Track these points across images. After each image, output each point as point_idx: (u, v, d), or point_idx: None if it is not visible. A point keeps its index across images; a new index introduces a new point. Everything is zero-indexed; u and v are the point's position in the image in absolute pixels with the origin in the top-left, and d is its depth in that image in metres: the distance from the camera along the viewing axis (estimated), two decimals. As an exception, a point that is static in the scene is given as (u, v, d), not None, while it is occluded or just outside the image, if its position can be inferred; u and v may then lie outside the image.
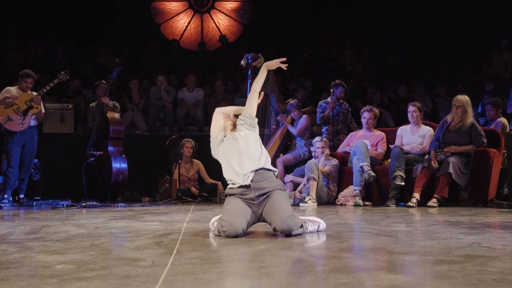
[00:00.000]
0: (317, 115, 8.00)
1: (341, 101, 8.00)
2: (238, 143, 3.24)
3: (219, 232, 3.03)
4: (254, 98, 3.40)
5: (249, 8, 13.43)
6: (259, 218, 3.16)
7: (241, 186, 3.16)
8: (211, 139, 3.38)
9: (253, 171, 3.15)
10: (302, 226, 3.12)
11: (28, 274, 1.96)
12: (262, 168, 3.17)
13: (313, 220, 3.34)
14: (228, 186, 3.26)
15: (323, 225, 3.34)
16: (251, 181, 3.13)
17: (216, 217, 3.37)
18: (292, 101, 7.62)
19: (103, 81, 8.05)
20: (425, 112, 7.62)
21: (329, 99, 7.83)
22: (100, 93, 7.96)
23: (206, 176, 7.81)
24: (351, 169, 6.56)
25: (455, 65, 11.50)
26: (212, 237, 3.05)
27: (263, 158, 3.22)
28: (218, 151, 3.33)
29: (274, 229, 3.05)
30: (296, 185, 6.89)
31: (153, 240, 2.88)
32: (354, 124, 7.96)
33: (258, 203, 3.12)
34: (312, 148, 7.05)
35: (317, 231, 3.28)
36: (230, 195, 3.21)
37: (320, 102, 8.05)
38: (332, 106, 7.66)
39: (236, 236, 2.97)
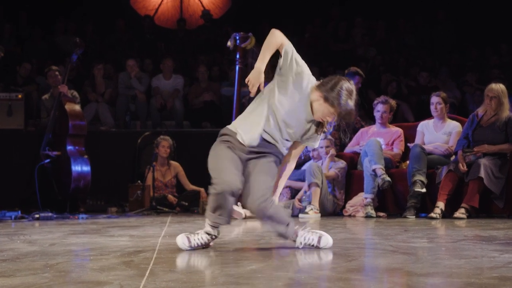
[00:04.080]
0: None
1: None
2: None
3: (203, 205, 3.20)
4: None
5: (238, -22, 13.42)
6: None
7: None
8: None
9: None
10: (288, 224, 3.22)
11: (-32, 301, 1.95)
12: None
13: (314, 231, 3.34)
14: (228, 131, 3.31)
15: (327, 239, 3.31)
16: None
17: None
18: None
19: (54, 67, 7.97)
20: (451, 104, 7.66)
21: None
22: (51, 82, 7.89)
23: (187, 182, 7.79)
24: (362, 173, 6.57)
25: (488, 46, 11.52)
26: (193, 255, 3.05)
27: None
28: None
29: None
30: (294, 192, 6.89)
31: (121, 259, 2.87)
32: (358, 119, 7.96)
33: (246, 158, 3.27)
34: (314, 148, 7.07)
35: (317, 244, 3.27)
36: (223, 141, 3.29)
37: None
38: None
39: (232, 195, 3.08)
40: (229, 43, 6.99)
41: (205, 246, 3.29)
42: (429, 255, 2.98)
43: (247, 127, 3.31)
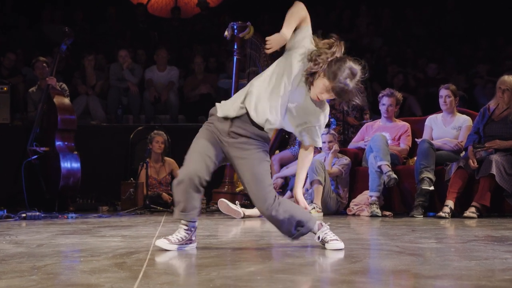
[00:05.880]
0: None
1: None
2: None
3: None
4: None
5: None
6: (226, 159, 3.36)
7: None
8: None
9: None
10: (302, 224, 3.26)
11: (-49, 304, 1.95)
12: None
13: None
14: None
15: (338, 244, 3.32)
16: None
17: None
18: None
19: (42, 58, 7.97)
20: (461, 97, 7.65)
21: None
22: (39, 73, 7.90)
23: (182, 179, 7.79)
24: (367, 170, 6.57)
25: (500, 36, 11.52)
26: (188, 257, 3.05)
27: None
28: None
29: None
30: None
31: (113, 261, 2.88)
32: (366, 110, 8.01)
33: (228, 142, 3.27)
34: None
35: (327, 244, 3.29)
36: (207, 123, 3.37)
37: None
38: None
39: (194, 187, 3.16)
40: (226, 33, 6.98)
41: (189, 241, 3.34)
42: (437, 256, 2.98)
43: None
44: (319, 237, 3.31)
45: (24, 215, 5.99)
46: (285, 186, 6.99)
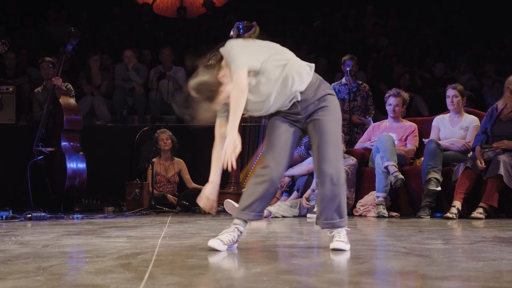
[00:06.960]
0: None
1: (360, 81, 8.01)
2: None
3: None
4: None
5: (242, -37, 13.40)
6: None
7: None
8: None
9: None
10: (342, 216, 3.26)
11: (-43, 305, 1.96)
12: None
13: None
14: None
15: (343, 245, 3.32)
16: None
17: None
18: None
19: (47, 59, 7.99)
20: (468, 97, 7.64)
21: (343, 79, 7.89)
22: (44, 74, 7.92)
23: (189, 179, 7.82)
24: (373, 170, 6.56)
25: (508, 35, 11.49)
26: (194, 257, 3.05)
27: None
28: None
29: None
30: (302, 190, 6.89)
31: (118, 262, 2.88)
32: (372, 110, 8.00)
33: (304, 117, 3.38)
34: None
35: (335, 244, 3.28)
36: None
37: (332, 85, 8.03)
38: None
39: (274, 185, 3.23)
40: (232, 33, 6.98)
41: (234, 242, 3.34)
42: (444, 258, 2.98)
43: None
44: (333, 235, 3.30)
45: (29, 215, 6.01)
46: (292, 186, 6.99)
